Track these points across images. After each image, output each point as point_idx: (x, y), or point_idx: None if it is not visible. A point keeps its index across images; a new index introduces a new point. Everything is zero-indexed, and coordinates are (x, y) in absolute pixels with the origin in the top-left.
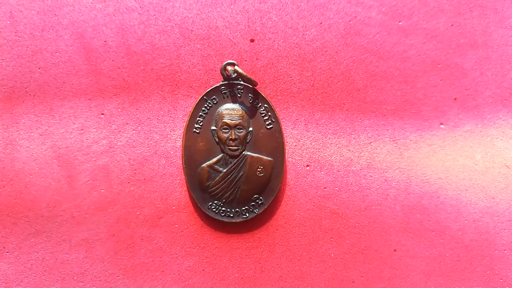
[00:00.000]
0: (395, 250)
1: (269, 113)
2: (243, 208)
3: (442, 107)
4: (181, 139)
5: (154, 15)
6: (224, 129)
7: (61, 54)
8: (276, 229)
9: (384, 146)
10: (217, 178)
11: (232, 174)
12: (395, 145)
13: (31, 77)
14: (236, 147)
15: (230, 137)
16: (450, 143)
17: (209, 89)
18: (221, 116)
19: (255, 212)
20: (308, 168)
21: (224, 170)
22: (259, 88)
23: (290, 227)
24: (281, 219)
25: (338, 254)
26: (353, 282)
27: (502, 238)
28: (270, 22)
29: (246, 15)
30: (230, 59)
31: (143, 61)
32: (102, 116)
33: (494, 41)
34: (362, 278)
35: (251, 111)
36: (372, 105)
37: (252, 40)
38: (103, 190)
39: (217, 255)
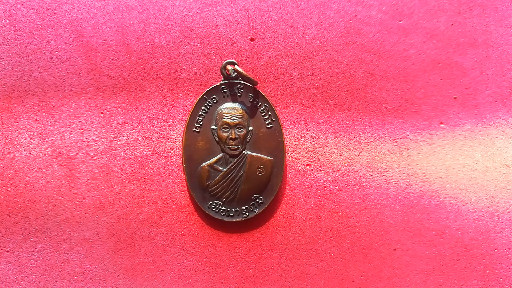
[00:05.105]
0: (395, 249)
1: (269, 112)
2: (243, 208)
3: (442, 106)
4: (181, 138)
5: (154, 14)
6: (224, 128)
7: (60, 53)
8: (276, 229)
9: (384, 145)
10: (217, 177)
11: (232, 173)
12: (395, 144)
13: (31, 76)
14: (236, 146)
15: (230, 136)
16: (450, 142)
17: (209, 88)
18: (221, 115)
19: (255, 212)
20: (308, 167)
21: (224, 170)
22: (259, 87)
23: (290, 227)
24: (281, 218)
25: (338, 253)
26: (352, 281)
27: (501, 238)
28: (270, 21)
29: (246, 13)
30: (230, 58)
31: (143, 60)
32: (102, 115)
33: (494, 40)
34: (362, 277)
35: (251, 110)
36: (372, 104)
37: (252, 39)
38: (103, 190)
39: (217, 254)
